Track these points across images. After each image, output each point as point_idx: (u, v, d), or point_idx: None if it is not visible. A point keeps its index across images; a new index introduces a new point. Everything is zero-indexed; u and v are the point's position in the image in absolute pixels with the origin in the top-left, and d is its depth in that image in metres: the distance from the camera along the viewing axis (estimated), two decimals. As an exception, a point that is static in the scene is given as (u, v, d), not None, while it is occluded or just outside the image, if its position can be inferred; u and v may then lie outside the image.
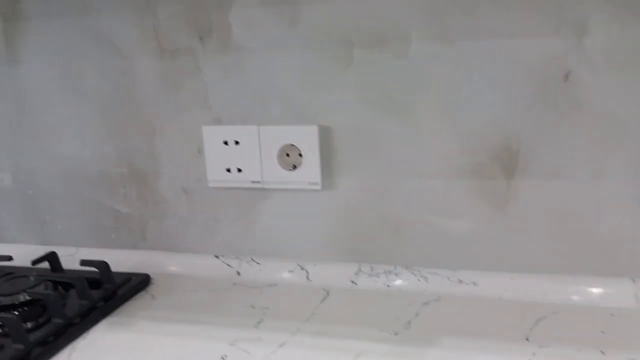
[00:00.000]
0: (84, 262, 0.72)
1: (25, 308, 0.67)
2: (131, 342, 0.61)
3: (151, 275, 0.76)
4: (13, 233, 0.85)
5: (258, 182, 0.73)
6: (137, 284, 0.73)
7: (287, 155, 0.72)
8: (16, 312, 0.64)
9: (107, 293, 0.69)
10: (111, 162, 0.78)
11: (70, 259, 0.79)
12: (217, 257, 0.77)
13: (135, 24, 0.72)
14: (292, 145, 0.71)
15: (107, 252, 0.80)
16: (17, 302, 0.67)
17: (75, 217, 0.82)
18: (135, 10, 0.71)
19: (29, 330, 0.61)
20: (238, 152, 0.73)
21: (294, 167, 0.72)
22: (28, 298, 0.67)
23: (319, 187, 0.71)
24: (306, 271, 0.73)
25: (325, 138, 0.70)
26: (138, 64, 0.73)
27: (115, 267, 0.73)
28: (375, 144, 0.69)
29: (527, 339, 0.57)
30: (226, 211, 0.76)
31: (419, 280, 0.69)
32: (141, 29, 0.72)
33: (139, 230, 0.80)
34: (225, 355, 0.56)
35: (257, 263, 0.75)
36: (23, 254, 0.77)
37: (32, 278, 0.70)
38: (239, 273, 0.75)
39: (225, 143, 0.73)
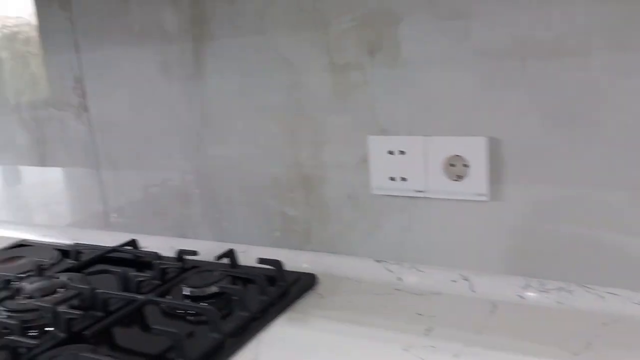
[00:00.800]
0: (261, 260, 0.79)
1: (212, 300, 0.75)
2: (310, 338, 0.66)
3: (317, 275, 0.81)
4: (194, 230, 0.96)
5: (422, 191, 0.75)
6: (306, 283, 0.78)
7: (452, 165, 0.73)
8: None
9: (281, 290, 0.76)
10: (282, 168, 0.84)
11: (242, 256, 0.88)
12: (378, 261, 0.80)
13: (309, 42, 0.77)
14: (458, 155, 0.72)
15: (275, 251, 0.87)
16: (204, 294, 0.77)
17: (247, 218, 0.90)
18: (310, 29, 0.76)
19: (219, 321, 0.69)
20: (403, 162, 0.75)
21: (459, 177, 0.73)
22: (215, 290, 0.76)
23: (485, 198, 0.71)
24: (470, 282, 0.74)
25: (493, 149, 0.70)
26: (310, 78, 0.79)
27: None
28: (547, 157, 0.67)
29: None
30: (389, 218, 0.78)
31: (595, 299, 0.66)
32: (315, 46, 0.77)
33: (304, 232, 0.85)
34: (401, 361, 0.59)
35: (419, 270, 0.77)
36: (203, 249, 0.87)
37: (216, 272, 0.79)
38: (400, 279, 0.78)
39: (390, 153, 0.75)
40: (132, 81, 0.93)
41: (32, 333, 0.69)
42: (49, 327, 0.69)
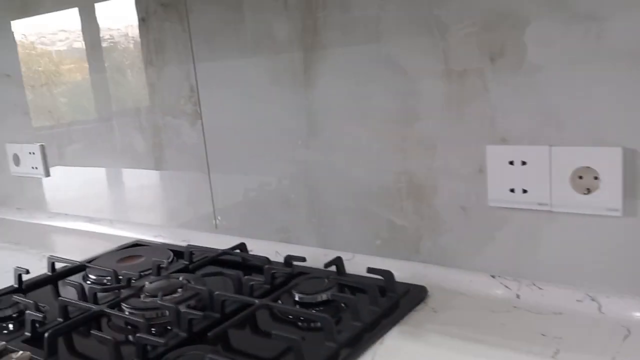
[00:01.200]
0: (370, 270, 0.79)
1: (322, 307, 0.76)
2: (428, 354, 0.64)
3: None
4: (297, 235, 0.97)
5: (545, 204, 0.70)
6: (417, 295, 0.76)
7: (580, 177, 0.68)
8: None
9: (392, 302, 0.74)
10: (391, 176, 0.83)
11: (347, 264, 0.87)
12: (493, 277, 0.77)
13: (425, 48, 0.75)
14: (587, 167, 0.67)
15: (381, 261, 0.86)
16: (314, 302, 0.77)
17: (353, 225, 0.90)
18: (426, 35, 0.75)
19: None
20: (524, 173, 0.71)
21: (588, 190, 0.68)
22: (326, 298, 0.76)
23: (619, 213, 0.66)
24: (598, 303, 0.68)
25: (629, 162, 0.64)
26: (424, 85, 0.77)
27: (390, 277, 0.78)
28: (696, 169, 0.61)
29: None
30: (506, 232, 0.75)
31: None
32: (430, 52, 0.75)
33: (413, 242, 0.84)
34: (529, 385, 0.56)
35: (539, 288, 0.73)
36: (307, 255, 0.88)
37: (326, 280, 0.79)
38: (518, 296, 0.74)
39: (511, 163, 0.72)
40: (244, 90, 0.96)
41: (155, 331, 0.73)
42: (171, 326, 0.72)
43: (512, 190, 0.73)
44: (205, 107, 1.02)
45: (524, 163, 0.71)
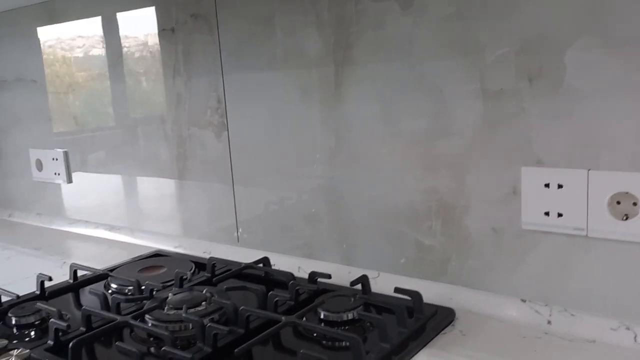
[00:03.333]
0: (398, 290, 0.77)
1: (347, 327, 0.74)
2: (456, 379, 0.62)
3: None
4: (321, 251, 0.96)
5: (581, 229, 0.69)
6: (444, 317, 0.75)
7: (618, 203, 0.67)
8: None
9: (419, 323, 0.73)
10: (420, 195, 0.82)
11: (372, 282, 0.86)
12: (523, 301, 0.75)
13: (461, 67, 0.75)
14: (626, 193, 0.66)
15: (406, 280, 0.84)
16: (340, 320, 0.76)
17: (378, 243, 0.88)
18: (461, 53, 0.74)
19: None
20: (560, 196, 0.70)
21: (626, 217, 0.66)
22: (352, 317, 0.75)
23: (658, 241, 0.64)
24: (634, 332, 0.66)
25: (671, 188, 0.63)
26: (458, 104, 0.76)
27: (417, 297, 0.76)
28: None
29: None
30: (539, 256, 0.73)
31: None
32: (466, 71, 0.74)
33: (441, 263, 0.82)
34: (566, 417, 0.54)
35: (572, 315, 0.71)
36: (330, 271, 0.86)
37: (352, 299, 0.78)
38: (549, 322, 0.72)
39: (547, 186, 0.71)
40: (271, 103, 0.96)
41: (178, 344, 0.72)
42: (195, 340, 0.71)
43: (546, 214, 0.71)
44: (232, 119, 1.02)
45: (560, 186, 0.70)
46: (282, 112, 0.96)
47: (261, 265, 0.95)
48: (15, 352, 0.66)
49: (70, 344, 0.68)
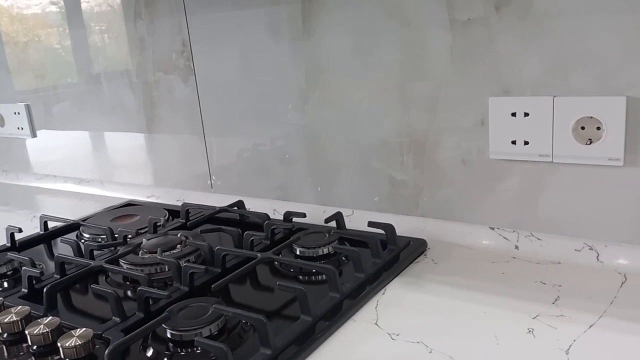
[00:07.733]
0: (371, 224, 0.79)
1: (323, 261, 0.76)
2: (430, 303, 0.64)
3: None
4: (296, 192, 0.96)
5: (547, 155, 0.70)
6: (417, 248, 0.77)
7: (582, 128, 0.68)
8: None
9: (393, 254, 0.75)
10: (392, 130, 0.82)
11: (347, 219, 0.87)
12: (492, 228, 0.77)
13: (428, -3, 0.74)
14: (590, 117, 0.67)
15: (381, 216, 0.86)
16: (315, 255, 0.77)
17: (352, 181, 0.89)
18: (429, -17, 0.73)
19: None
20: (527, 124, 0.71)
21: (590, 141, 0.68)
22: (327, 252, 0.76)
23: (620, 163, 0.66)
24: (596, 252, 0.69)
25: (632, 111, 0.64)
26: (428, 36, 0.75)
27: (391, 230, 0.78)
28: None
29: None
30: (506, 184, 0.75)
31: None
32: (435, 1, 0.73)
33: (413, 197, 0.84)
34: (532, 329, 0.57)
35: (538, 239, 0.73)
36: (306, 212, 0.87)
37: (327, 234, 0.79)
38: (517, 247, 0.74)
39: (513, 115, 0.72)
40: (239, 43, 0.94)
41: (155, 286, 0.72)
42: (172, 280, 0.71)
43: (513, 142, 0.72)
44: (199, 62, 1.00)
45: (526, 114, 0.71)
46: (251, 53, 0.93)
47: (236, 208, 0.95)
48: (13, 310, 0.64)
49: (45, 289, 0.68)
